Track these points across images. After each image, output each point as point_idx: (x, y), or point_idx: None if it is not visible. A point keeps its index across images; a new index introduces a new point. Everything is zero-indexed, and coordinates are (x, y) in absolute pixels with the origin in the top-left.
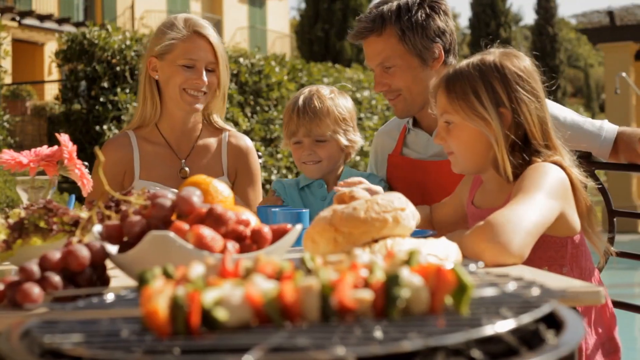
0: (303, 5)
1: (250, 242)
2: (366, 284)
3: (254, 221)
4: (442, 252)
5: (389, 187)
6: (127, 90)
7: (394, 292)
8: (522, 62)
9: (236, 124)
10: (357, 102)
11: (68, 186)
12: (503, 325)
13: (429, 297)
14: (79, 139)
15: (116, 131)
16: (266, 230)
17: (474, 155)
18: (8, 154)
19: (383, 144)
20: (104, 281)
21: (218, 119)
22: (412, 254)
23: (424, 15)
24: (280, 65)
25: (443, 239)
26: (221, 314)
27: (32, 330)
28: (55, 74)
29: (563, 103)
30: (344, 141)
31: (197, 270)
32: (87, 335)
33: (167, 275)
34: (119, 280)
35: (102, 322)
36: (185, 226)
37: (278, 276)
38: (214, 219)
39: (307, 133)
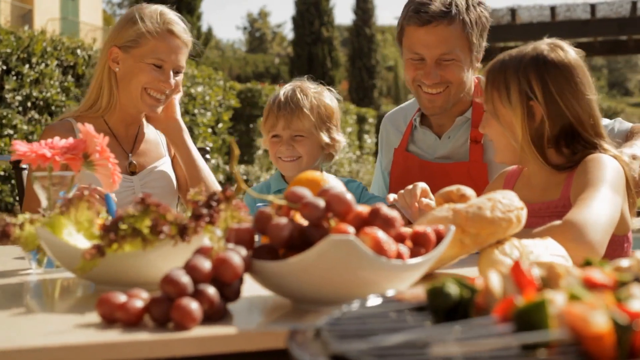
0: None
1: (414, 245)
2: None
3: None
4: (562, 251)
5: (389, 183)
6: None
7: None
8: (568, 55)
9: None
10: (192, 98)
11: None
12: None
13: None
14: None
15: None
16: (430, 231)
17: (509, 146)
18: (25, 146)
19: (388, 133)
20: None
21: None
22: None
23: (483, 12)
24: None
25: (550, 239)
26: None
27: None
28: None
29: (379, 102)
30: (325, 139)
31: (495, 279)
32: None
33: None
34: None
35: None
36: (350, 229)
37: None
38: (382, 221)
39: (286, 126)
